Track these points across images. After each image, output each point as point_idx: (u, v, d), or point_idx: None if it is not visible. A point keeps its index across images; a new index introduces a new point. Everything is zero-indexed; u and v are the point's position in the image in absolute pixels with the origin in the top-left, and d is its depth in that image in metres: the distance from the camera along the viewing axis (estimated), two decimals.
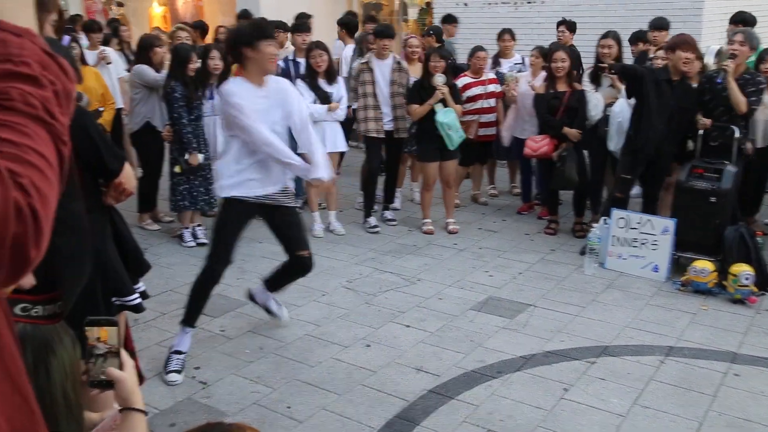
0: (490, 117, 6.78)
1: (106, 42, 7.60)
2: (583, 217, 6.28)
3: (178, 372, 3.77)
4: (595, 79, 6.18)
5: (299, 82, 6.03)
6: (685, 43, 5.38)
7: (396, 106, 6.28)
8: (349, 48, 7.69)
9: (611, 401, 3.57)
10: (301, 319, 4.54)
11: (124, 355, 1.57)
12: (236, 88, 3.81)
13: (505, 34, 7.28)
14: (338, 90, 6.11)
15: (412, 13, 15.06)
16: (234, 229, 3.91)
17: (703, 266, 4.89)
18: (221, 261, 3.90)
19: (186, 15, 13.74)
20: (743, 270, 4.73)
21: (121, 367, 1.54)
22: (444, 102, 5.94)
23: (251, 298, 4.42)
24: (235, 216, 3.90)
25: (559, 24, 7.34)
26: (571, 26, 7.25)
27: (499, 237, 6.23)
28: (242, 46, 3.72)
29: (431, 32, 7.55)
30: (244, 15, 8.42)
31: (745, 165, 5.56)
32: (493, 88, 6.74)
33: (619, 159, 5.75)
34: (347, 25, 8.00)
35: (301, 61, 6.47)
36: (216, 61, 5.72)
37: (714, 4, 8.27)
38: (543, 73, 6.32)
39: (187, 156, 5.59)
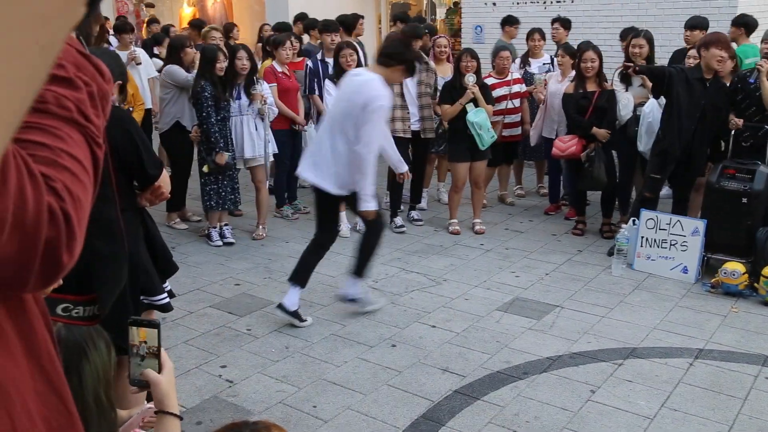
0: (514, 117, 6.74)
1: (157, 42, 7.69)
2: (611, 217, 6.22)
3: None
4: (625, 79, 6.11)
5: (328, 82, 6.07)
6: (719, 41, 5.30)
7: (423, 106, 6.28)
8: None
9: (638, 403, 3.53)
10: (327, 318, 4.56)
11: (164, 357, 1.58)
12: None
13: (535, 34, 7.24)
14: None
15: (441, 13, 15.06)
16: None
17: (734, 268, 4.82)
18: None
19: (215, 16, 13.90)
20: None
21: (160, 368, 1.55)
22: (475, 102, 5.94)
23: (345, 299, 4.60)
24: None
25: (553, 21, 7.32)
26: (565, 23, 7.22)
27: (525, 237, 6.20)
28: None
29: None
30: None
31: None
32: (518, 88, 6.71)
33: (649, 159, 5.69)
34: (344, 23, 7.93)
35: (330, 61, 6.51)
36: (243, 62, 5.78)
37: (749, 2, 8.13)
38: (573, 73, 6.27)
39: (214, 156, 5.66)
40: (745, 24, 6.63)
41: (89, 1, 0.71)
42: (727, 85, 5.45)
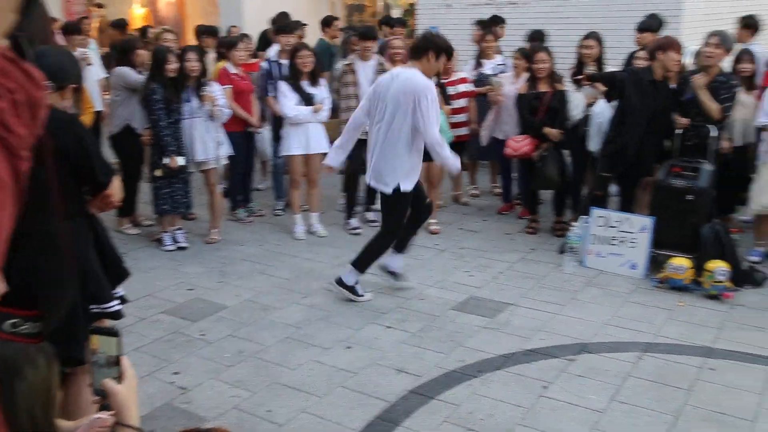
0: (460, 117, 6.80)
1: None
2: (563, 216, 6.33)
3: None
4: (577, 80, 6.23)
5: (282, 83, 6.05)
6: (675, 44, 5.47)
7: None
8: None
9: (589, 398, 3.61)
10: (282, 321, 4.55)
11: (125, 366, 1.52)
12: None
13: (488, 35, 7.32)
14: (321, 92, 6.13)
15: (396, 15, 15.10)
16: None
17: (680, 263, 4.96)
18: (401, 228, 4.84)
19: (168, 17, 13.69)
20: (718, 266, 4.81)
21: (120, 378, 1.51)
22: None
23: (386, 270, 5.04)
24: (408, 203, 4.72)
25: (478, 22, 7.72)
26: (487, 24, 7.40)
27: (480, 237, 6.27)
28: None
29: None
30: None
31: (724, 163, 5.64)
32: (463, 88, 6.78)
33: (599, 158, 5.81)
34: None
35: (284, 62, 6.49)
36: (193, 63, 5.71)
37: (694, 6, 8.36)
38: (526, 75, 6.36)
39: (167, 160, 5.58)
40: (648, 28, 6.86)
41: (22, 7, 0.69)
42: (673, 86, 5.60)
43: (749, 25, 6.88)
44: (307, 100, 6.04)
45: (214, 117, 5.86)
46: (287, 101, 6.00)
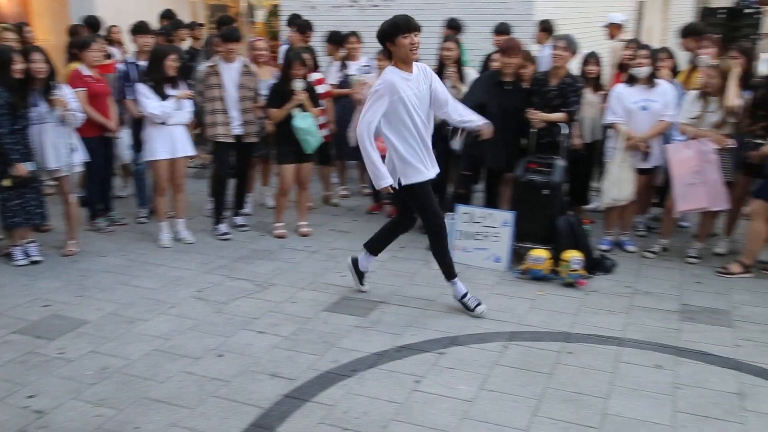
0: (319, 119, 6.83)
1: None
2: None
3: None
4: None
5: (140, 85, 5.82)
6: (510, 48, 5.77)
7: (245, 110, 6.20)
8: None
9: (459, 388, 3.74)
10: (149, 333, 4.37)
11: None
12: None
13: (352, 37, 7.40)
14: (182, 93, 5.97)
15: (259, 16, 14.92)
16: (431, 195, 4.66)
17: (539, 254, 5.25)
18: (440, 215, 4.72)
19: (10, 14, 12.75)
20: (573, 256, 5.14)
21: None
22: (303, 107, 5.96)
23: (355, 267, 5.04)
24: (426, 191, 4.62)
25: (288, 23, 7.93)
26: (301, 27, 7.59)
27: (350, 237, 6.33)
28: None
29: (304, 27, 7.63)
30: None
31: (575, 159, 6.03)
32: (320, 89, 6.82)
33: (461, 157, 6.02)
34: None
35: (142, 63, 6.25)
36: (39, 64, 5.35)
37: (544, 10, 8.86)
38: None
39: (11, 168, 5.20)
40: (455, 27, 7.64)
41: None
42: (526, 87, 5.91)
43: (546, 28, 7.86)
44: None
45: (66, 122, 5.53)
46: (149, 101, 5.78)
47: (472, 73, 6.42)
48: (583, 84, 5.93)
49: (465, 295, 4.73)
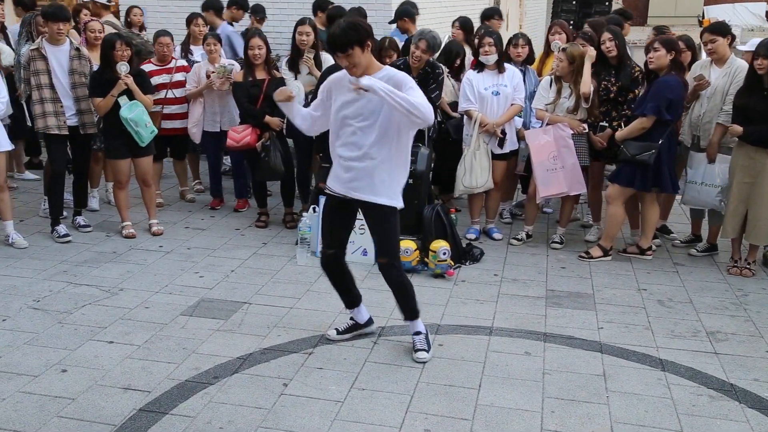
0: (176, 108, 6.64)
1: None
2: (292, 207, 6.48)
3: None
4: (294, 67, 6.37)
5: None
6: (391, 44, 5.92)
7: (79, 98, 5.86)
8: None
9: (330, 389, 3.75)
10: None
11: None
12: None
13: (198, 18, 7.19)
14: None
15: None
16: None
17: (407, 246, 5.36)
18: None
19: None
20: (441, 246, 5.30)
21: None
22: (130, 94, 5.70)
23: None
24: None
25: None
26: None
27: (208, 235, 6.17)
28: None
29: None
30: None
31: (442, 147, 6.20)
32: (180, 77, 6.62)
33: (322, 150, 6.01)
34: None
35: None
36: None
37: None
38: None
39: None
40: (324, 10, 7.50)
41: None
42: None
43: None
44: None
45: None
46: None
47: (329, 59, 6.43)
48: (442, 71, 6.09)
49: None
